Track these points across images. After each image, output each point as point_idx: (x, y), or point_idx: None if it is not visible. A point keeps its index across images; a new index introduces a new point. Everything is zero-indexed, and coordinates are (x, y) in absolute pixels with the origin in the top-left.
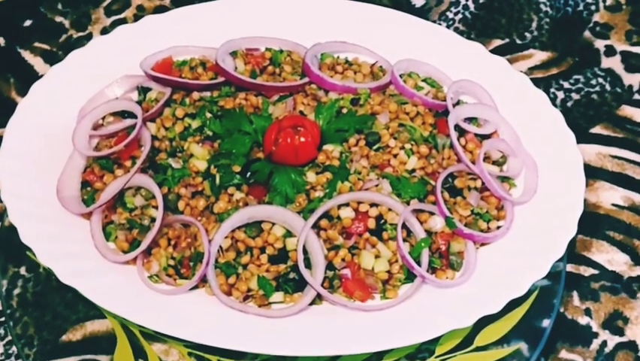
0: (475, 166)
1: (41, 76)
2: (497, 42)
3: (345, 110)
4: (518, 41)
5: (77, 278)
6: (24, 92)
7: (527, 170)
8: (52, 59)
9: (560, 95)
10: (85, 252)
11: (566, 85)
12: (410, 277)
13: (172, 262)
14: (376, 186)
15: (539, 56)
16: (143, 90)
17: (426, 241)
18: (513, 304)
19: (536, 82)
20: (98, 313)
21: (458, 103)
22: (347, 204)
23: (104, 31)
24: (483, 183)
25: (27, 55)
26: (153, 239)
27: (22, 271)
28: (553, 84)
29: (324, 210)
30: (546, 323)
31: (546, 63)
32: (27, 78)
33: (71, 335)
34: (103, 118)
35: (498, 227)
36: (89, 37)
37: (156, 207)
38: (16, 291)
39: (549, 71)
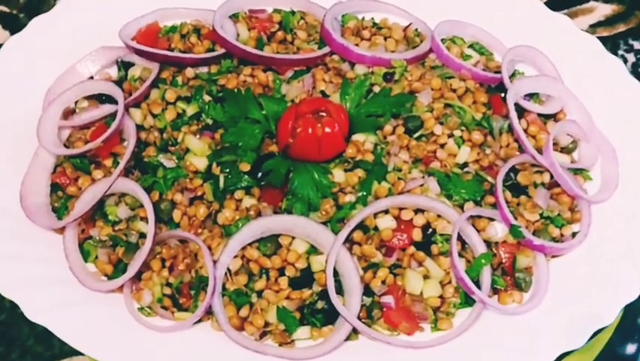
0: (543, 157)
1: None
2: None
3: (376, 89)
4: None
5: (49, 313)
6: None
7: (604, 158)
8: (11, 24)
9: (630, 58)
10: (57, 277)
11: (637, 45)
12: (468, 301)
13: (168, 290)
14: (421, 186)
15: (602, 9)
16: (124, 65)
17: (487, 257)
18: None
19: (600, 42)
20: None
21: (514, 74)
22: (386, 211)
23: None
24: (551, 177)
25: None
26: (144, 261)
27: None
28: (621, 45)
29: (358, 221)
30: (632, 348)
31: (611, 19)
32: None
33: None
34: (75, 103)
35: (573, 234)
36: None
37: (145, 220)
38: None
39: (615, 28)
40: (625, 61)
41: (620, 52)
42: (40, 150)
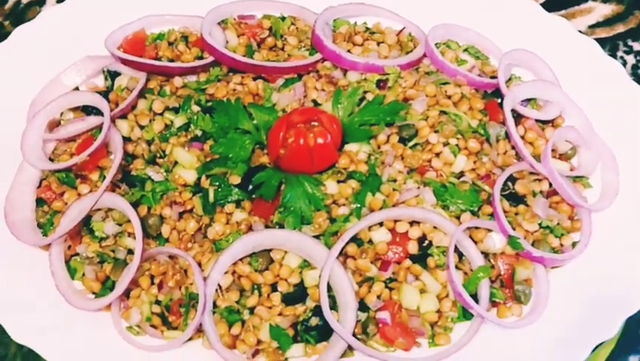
0: (542, 165)
1: None
2: None
3: (369, 96)
4: None
5: (35, 334)
6: None
7: (604, 165)
8: None
9: (630, 59)
10: (43, 296)
11: (637, 46)
12: (466, 315)
13: (157, 308)
14: (416, 197)
15: (601, 9)
16: (111, 75)
17: (485, 270)
18: None
19: (599, 44)
20: None
21: (510, 79)
22: (380, 224)
23: None
24: (550, 185)
25: None
26: (132, 279)
27: None
28: (620, 46)
29: (352, 235)
30: (634, 360)
31: (610, 19)
32: None
33: None
34: (60, 114)
35: (573, 244)
36: (42, 1)
37: (133, 235)
38: None
39: (614, 29)
40: (624, 63)
41: (620, 53)
42: (25, 165)
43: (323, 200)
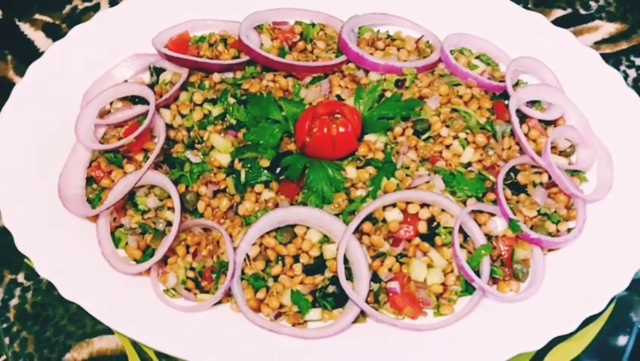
0: (542, 159)
1: (42, 53)
2: (558, 12)
3: (388, 94)
4: (582, 11)
5: (82, 293)
6: (23, 71)
7: (600, 162)
8: (54, 33)
9: (632, 73)
10: (91, 261)
11: (638, 62)
12: (468, 289)
13: (191, 274)
14: (427, 182)
15: (607, 28)
16: (156, 71)
17: (487, 248)
18: (586, 320)
19: (604, 59)
20: (106, 327)
21: (517, 84)
22: (394, 205)
23: (113, 1)
24: (550, 178)
25: (26, 28)
26: (170, 247)
27: (21, 278)
28: (623, 61)
29: (368, 213)
30: (623, 340)
31: (615, 37)
32: (26, 55)
33: (76, 353)
34: (110, 104)
35: (568, 230)
36: (96, 7)
37: (172, 209)
38: (14, 302)
39: (618, 45)
40: (626, 76)
41: (622, 67)
42: (78, 146)
43: (343, 183)
